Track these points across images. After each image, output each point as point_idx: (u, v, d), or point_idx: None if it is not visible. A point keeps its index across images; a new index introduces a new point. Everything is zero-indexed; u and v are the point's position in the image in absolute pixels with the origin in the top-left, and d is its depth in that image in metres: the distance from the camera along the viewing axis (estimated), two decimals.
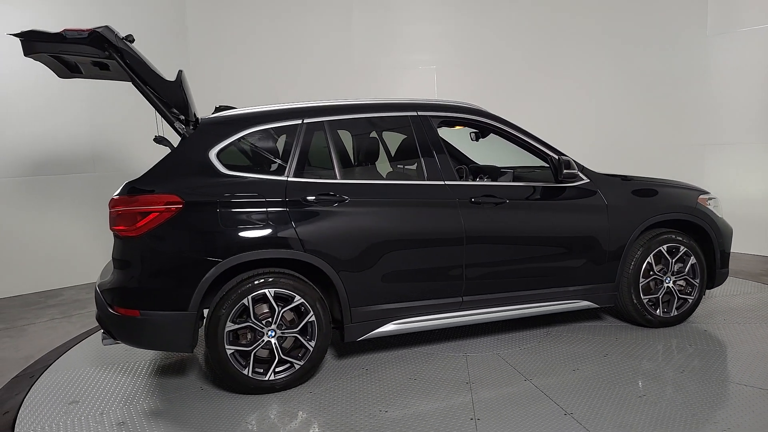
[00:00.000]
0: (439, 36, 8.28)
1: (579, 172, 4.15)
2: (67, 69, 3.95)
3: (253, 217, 3.45)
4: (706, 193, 4.62)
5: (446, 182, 3.87)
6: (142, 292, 3.33)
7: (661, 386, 3.44)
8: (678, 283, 4.44)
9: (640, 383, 3.49)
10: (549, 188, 4.13)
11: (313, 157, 3.75)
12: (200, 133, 3.58)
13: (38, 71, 5.47)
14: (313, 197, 3.57)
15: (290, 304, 3.48)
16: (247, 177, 3.55)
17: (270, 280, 3.43)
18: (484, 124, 4.14)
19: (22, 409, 3.45)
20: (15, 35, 3.33)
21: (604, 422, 3.02)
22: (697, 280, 4.47)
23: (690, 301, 4.48)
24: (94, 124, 6.69)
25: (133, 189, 3.37)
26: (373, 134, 4.32)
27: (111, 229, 3.41)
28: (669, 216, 4.35)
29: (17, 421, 3.29)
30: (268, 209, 3.48)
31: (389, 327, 3.76)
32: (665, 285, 4.40)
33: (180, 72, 3.59)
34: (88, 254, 6.65)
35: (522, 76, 8.25)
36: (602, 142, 8.02)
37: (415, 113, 3.98)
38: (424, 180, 3.86)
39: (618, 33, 7.91)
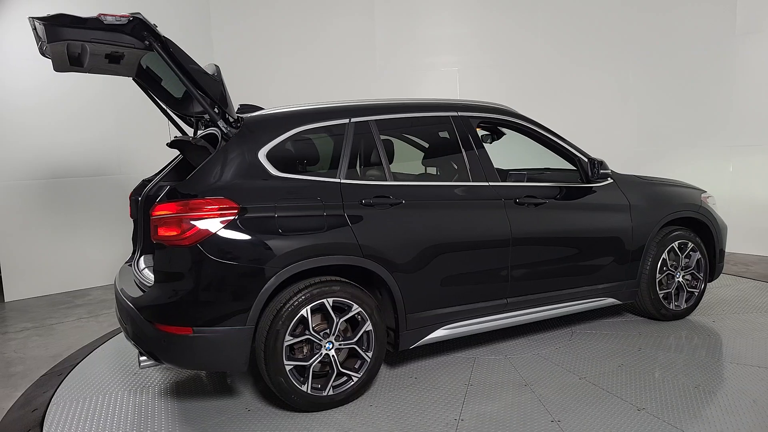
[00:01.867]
0: (461, 37, 8.25)
1: (609, 172, 4.24)
2: (67, 60, 3.54)
3: (312, 222, 3.23)
4: (705, 191, 4.89)
5: (491, 183, 3.83)
6: (195, 307, 3.01)
7: (708, 375, 3.58)
8: (685, 277, 4.66)
9: (696, 373, 3.61)
10: (580, 188, 4.19)
11: (362, 158, 3.58)
12: (247, 133, 3.30)
13: (72, 80, 6.19)
14: (370, 200, 3.40)
15: (348, 313, 3.29)
16: (300, 179, 3.32)
17: (329, 288, 3.22)
18: (516, 126, 4.15)
19: (50, 406, 3.50)
20: (39, 19, 2.93)
21: (679, 414, 3.09)
22: (701, 274, 4.72)
23: (696, 294, 4.72)
24: (121, 128, 6.89)
25: (176, 193, 3.05)
26: (418, 134, 4.19)
27: (155, 239, 3.07)
28: (680, 214, 4.56)
29: (46, 418, 3.34)
30: (326, 213, 3.28)
31: (440, 332, 3.66)
32: (676, 280, 4.61)
33: (217, 67, 3.30)
34: (114, 255, 6.74)
35: (545, 77, 8.20)
36: (627, 141, 7.98)
37: (456, 113, 3.91)
38: (469, 181, 3.80)
39: (645, 33, 7.80)
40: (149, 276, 3.50)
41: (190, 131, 4.38)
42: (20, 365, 4.35)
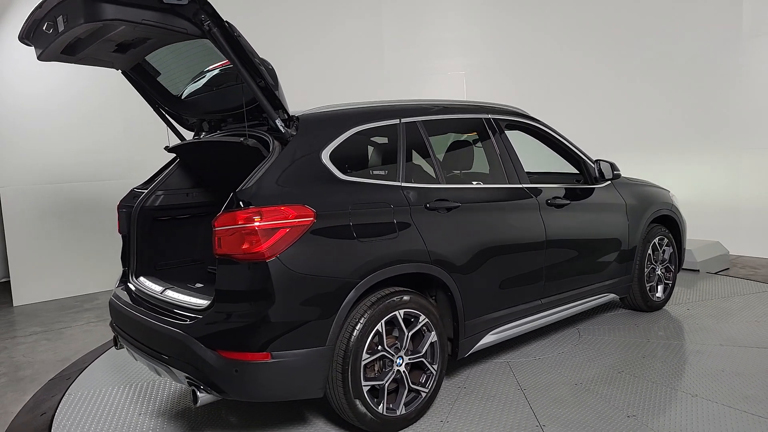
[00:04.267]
0: (468, 40, 8.13)
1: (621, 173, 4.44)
2: (62, 48, 3.02)
3: (385, 229, 3.00)
4: (669, 190, 5.31)
5: (525, 185, 3.83)
6: (274, 328, 2.64)
7: (729, 355, 3.87)
8: (662, 270, 5.02)
9: (721, 356, 3.88)
10: (585, 190, 4.34)
11: (415, 160, 3.40)
12: (306, 133, 2.98)
13: (80, 84, 6.62)
14: (430, 204, 3.23)
15: (415, 325, 3.09)
16: (365, 182, 3.07)
17: (400, 299, 3.00)
18: (532, 128, 4.19)
19: (59, 410, 3.52)
20: None
21: (734, 398, 3.29)
22: (673, 266, 5.12)
23: (670, 285, 5.11)
24: (129, 132, 6.89)
25: (238, 201, 2.67)
26: (462, 136, 4.05)
27: (220, 254, 2.65)
28: (661, 212, 4.91)
29: (54, 422, 3.35)
30: (396, 219, 3.06)
31: (489, 338, 3.58)
32: (657, 273, 4.96)
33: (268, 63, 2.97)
34: None
35: (551, 79, 8.16)
36: (632, 144, 7.85)
37: (487, 116, 3.86)
38: (506, 183, 3.77)
39: (651, 35, 7.67)
40: (182, 298, 3.04)
41: (184, 133, 3.89)
42: (29, 369, 4.39)
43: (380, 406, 2.95)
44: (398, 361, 3.02)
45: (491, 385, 3.61)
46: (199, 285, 3.39)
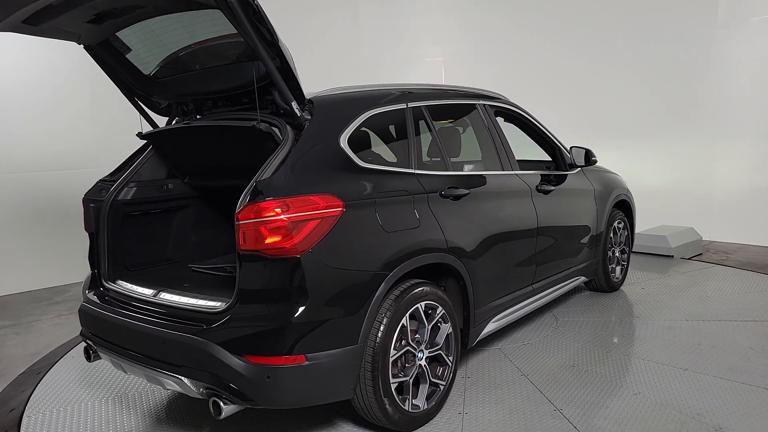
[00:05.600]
0: (446, 28, 7.95)
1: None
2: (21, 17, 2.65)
3: (408, 218, 2.87)
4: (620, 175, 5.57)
5: (517, 172, 3.83)
6: (308, 329, 2.44)
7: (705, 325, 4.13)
8: (618, 252, 5.27)
9: (692, 331, 4.11)
10: (562, 176, 4.43)
11: (423, 146, 3.28)
12: (322, 117, 2.77)
13: (39, 67, 6.29)
14: (444, 192, 3.13)
15: (434, 317, 3.00)
16: (384, 170, 2.91)
17: (422, 291, 2.89)
18: (514, 115, 4.20)
19: (28, 406, 3.44)
20: None
21: (720, 370, 3.49)
22: (628, 248, 5.39)
23: (626, 265, 5.37)
24: (98, 119, 6.65)
25: (260, 192, 2.43)
26: (463, 122, 3.93)
27: (245, 249, 2.40)
28: (621, 197, 5.13)
29: (23, 418, 3.27)
30: (416, 208, 2.93)
31: (491, 326, 3.56)
32: (616, 255, 5.19)
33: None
34: None
35: (529, 67, 8.08)
36: (607, 131, 7.90)
37: (480, 101, 3.81)
38: (501, 170, 3.74)
39: (628, 23, 7.68)
40: (187, 301, 2.75)
41: (156, 117, 3.51)
42: None
43: (406, 403, 2.83)
44: (419, 355, 2.92)
45: (494, 372, 3.59)
46: (186, 285, 3.07)
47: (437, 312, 3.00)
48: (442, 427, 2.96)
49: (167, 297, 2.83)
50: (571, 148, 4.51)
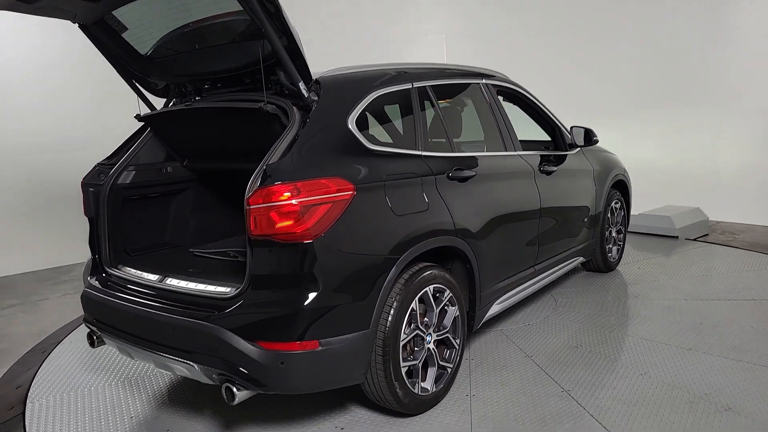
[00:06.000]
0: (448, 4, 7.74)
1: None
2: None
3: (417, 201, 2.82)
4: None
5: (520, 152, 3.79)
6: (321, 314, 2.39)
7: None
8: (615, 232, 5.28)
9: (692, 310, 4.13)
10: (562, 156, 4.40)
11: (429, 127, 3.21)
12: (330, 98, 2.69)
13: (50, 53, 6.48)
14: (451, 174, 3.09)
15: (442, 301, 2.97)
16: (392, 152, 2.85)
17: (431, 275, 2.85)
18: (516, 94, 4.13)
19: (34, 383, 3.53)
20: None
21: (724, 349, 3.52)
22: (623, 228, 5.40)
23: (621, 245, 5.39)
24: (101, 102, 6.65)
25: (268, 176, 2.36)
26: (463, 102, 3.87)
27: (257, 234, 2.33)
28: (619, 177, 5.12)
29: (29, 395, 3.37)
30: (424, 191, 2.89)
31: (494, 308, 3.54)
32: (613, 234, 5.20)
33: None
34: None
35: (531, 43, 7.82)
36: (611, 110, 7.66)
37: (482, 81, 3.75)
38: (504, 150, 3.70)
39: None
40: (195, 287, 2.68)
41: (153, 99, 3.40)
42: (5, 342, 4.36)
43: (416, 386, 2.81)
44: (428, 338, 2.89)
45: (497, 354, 3.58)
46: (191, 270, 3.01)
47: (445, 295, 2.96)
48: (451, 409, 2.95)
49: (174, 282, 2.76)
50: (571, 127, 4.47)
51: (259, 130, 2.80)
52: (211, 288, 2.59)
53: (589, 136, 4.41)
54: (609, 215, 5.02)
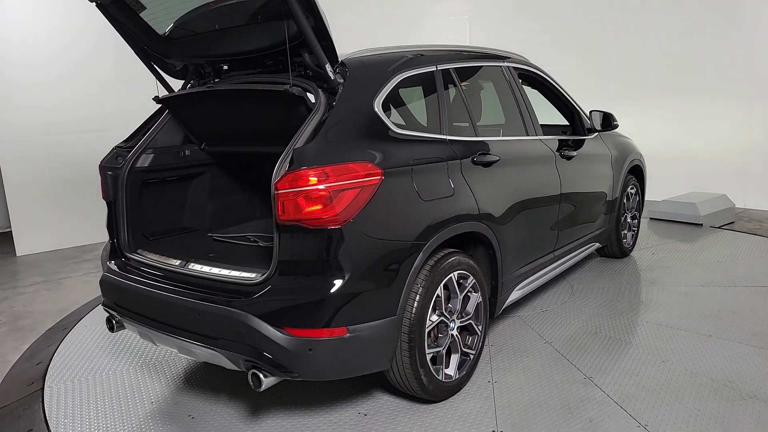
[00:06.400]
0: None
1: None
2: None
3: (443, 186, 2.78)
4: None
5: (542, 137, 3.74)
6: (350, 300, 2.36)
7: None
8: (630, 218, 5.24)
9: (709, 296, 4.11)
10: (581, 141, 4.34)
11: (453, 110, 3.16)
12: (356, 81, 2.64)
13: (72, 32, 6.54)
14: (476, 158, 3.04)
15: (465, 287, 2.94)
16: (417, 136, 2.81)
17: (456, 261, 2.82)
18: (536, 78, 4.07)
19: (53, 360, 3.60)
20: None
21: (744, 336, 3.51)
22: (638, 214, 5.36)
23: (636, 231, 5.35)
24: (123, 82, 6.70)
25: (295, 160, 2.32)
26: (480, 84, 3.81)
27: (285, 220, 2.30)
28: (635, 162, 5.07)
29: (48, 371, 3.45)
30: (450, 175, 2.85)
31: (515, 294, 3.52)
32: (627, 220, 5.16)
33: None
34: None
35: (556, 24, 7.63)
36: (638, 93, 7.47)
37: (504, 63, 3.69)
38: (525, 134, 3.65)
39: None
40: (219, 272, 2.65)
41: (170, 81, 3.35)
42: (28, 319, 4.49)
43: (440, 373, 2.80)
44: (451, 325, 2.87)
45: (516, 340, 3.57)
46: (212, 255, 2.98)
47: (468, 281, 2.93)
48: (474, 395, 2.94)
49: (197, 267, 2.73)
50: (590, 112, 4.41)
51: (282, 112, 2.76)
52: (236, 273, 2.56)
53: (609, 121, 4.34)
54: (625, 201, 4.97)
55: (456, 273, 2.83)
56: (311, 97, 2.57)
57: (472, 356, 3.01)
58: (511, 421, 2.70)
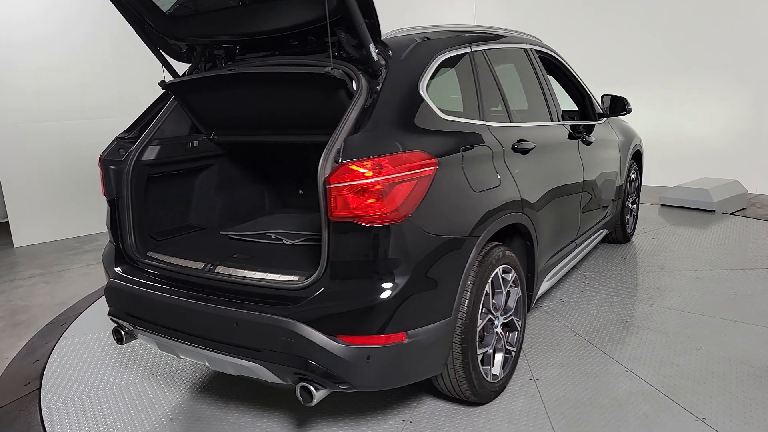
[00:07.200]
0: None
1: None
2: None
3: (490, 176, 2.61)
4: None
5: (566, 122, 3.62)
6: (409, 303, 2.17)
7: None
8: (630, 202, 5.22)
9: (721, 280, 4.10)
10: (592, 126, 4.24)
11: (488, 95, 2.98)
12: (400, 63, 2.43)
13: (65, 16, 6.35)
14: (516, 146, 2.88)
15: (508, 282, 2.79)
16: (462, 122, 2.62)
17: (502, 254, 2.67)
18: (552, 59, 3.94)
19: (51, 357, 3.48)
20: None
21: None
22: (637, 198, 5.34)
23: (636, 216, 5.33)
24: (121, 68, 6.62)
25: (347, 153, 2.10)
26: (512, 67, 3.61)
27: (338, 216, 2.08)
28: (638, 147, 5.02)
29: (46, 370, 3.32)
30: (494, 164, 2.68)
31: (544, 286, 3.40)
32: (629, 205, 5.13)
33: None
34: None
35: (565, 4, 7.39)
36: (647, 77, 7.32)
37: (527, 46, 3.53)
38: (550, 120, 3.51)
39: None
40: (253, 275, 2.41)
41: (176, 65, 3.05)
42: (26, 314, 4.36)
43: (488, 374, 2.65)
44: (496, 322, 2.72)
45: (545, 333, 3.46)
46: (236, 256, 2.72)
47: (510, 276, 2.79)
48: (518, 393, 2.82)
49: (227, 271, 2.47)
50: (602, 96, 4.32)
51: (315, 98, 2.53)
52: (277, 277, 2.32)
53: (623, 105, 4.25)
54: (627, 186, 4.93)
55: (501, 267, 2.67)
56: (354, 82, 2.34)
57: (513, 353, 2.88)
58: (565, 420, 2.58)
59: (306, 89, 2.54)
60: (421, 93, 2.43)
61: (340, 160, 2.07)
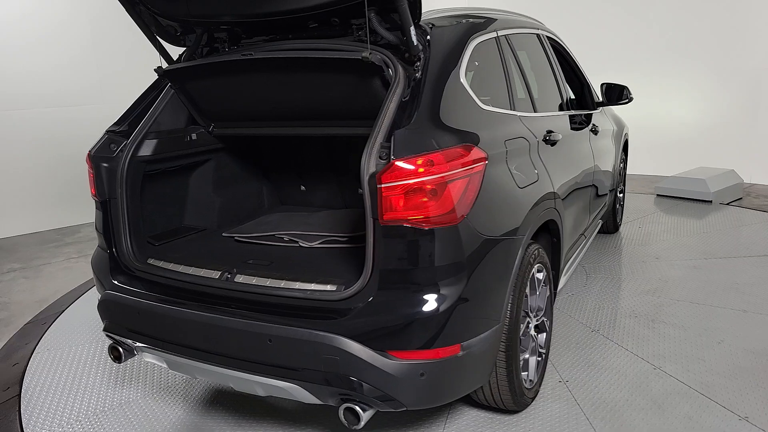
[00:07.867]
0: None
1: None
2: None
3: (530, 170, 2.44)
4: None
5: (579, 112, 3.49)
6: (465, 312, 1.98)
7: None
8: (618, 191, 5.18)
9: (719, 269, 4.11)
10: (589, 116, 4.14)
11: (515, 83, 2.80)
12: (438, 48, 2.21)
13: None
14: (547, 137, 2.73)
15: (541, 281, 2.64)
16: (501, 113, 2.44)
17: (537, 254, 2.51)
18: (559, 48, 3.79)
19: (32, 359, 3.31)
20: None
21: None
22: (623, 187, 5.32)
23: (622, 204, 5.31)
24: (100, 54, 6.26)
25: (395, 148, 1.88)
26: (528, 54, 3.41)
27: (389, 219, 1.85)
28: (626, 137, 4.98)
29: (26, 374, 3.15)
30: (531, 157, 2.51)
31: (561, 282, 3.26)
32: (619, 195, 5.10)
33: None
34: None
35: None
36: (641, 65, 7.12)
37: (539, 31, 3.37)
38: (564, 109, 3.37)
39: None
40: (275, 284, 2.14)
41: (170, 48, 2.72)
42: (4, 311, 4.14)
43: (526, 381, 2.50)
44: (531, 325, 2.58)
45: (561, 330, 3.35)
46: (251, 261, 2.45)
47: (542, 275, 2.64)
48: (551, 397, 2.69)
49: (249, 280, 2.19)
50: (602, 85, 4.21)
51: (343, 86, 2.29)
52: (313, 287, 2.07)
53: (625, 94, 4.15)
54: (618, 177, 4.89)
55: (536, 266, 2.52)
56: (391, 69, 2.11)
57: (544, 356, 2.74)
58: (608, 426, 2.46)
59: (334, 76, 2.28)
60: (462, 81, 2.23)
61: (391, 156, 1.85)
